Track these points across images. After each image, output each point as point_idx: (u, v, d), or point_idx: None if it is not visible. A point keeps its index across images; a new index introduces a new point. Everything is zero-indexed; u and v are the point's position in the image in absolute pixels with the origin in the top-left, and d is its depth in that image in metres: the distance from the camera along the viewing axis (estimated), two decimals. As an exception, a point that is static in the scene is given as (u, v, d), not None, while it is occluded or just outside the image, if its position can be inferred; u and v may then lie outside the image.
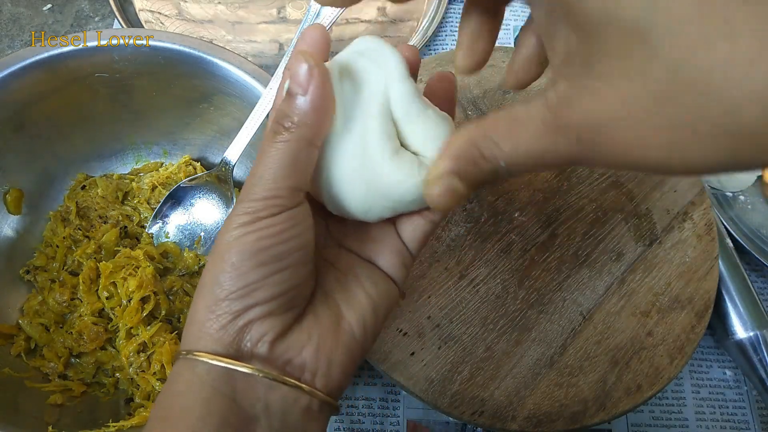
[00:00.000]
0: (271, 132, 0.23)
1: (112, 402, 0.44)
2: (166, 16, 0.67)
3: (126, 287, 0.44)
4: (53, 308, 0.46)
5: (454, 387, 0.45)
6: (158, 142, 0.53)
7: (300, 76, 0.22)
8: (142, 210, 0.51)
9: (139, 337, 0.44)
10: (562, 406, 0.45)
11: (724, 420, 0.53)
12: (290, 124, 0.22)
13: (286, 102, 0.22)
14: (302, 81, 0.22)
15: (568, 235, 0.52)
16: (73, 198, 0.50)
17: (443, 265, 0.49)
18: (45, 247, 0.49)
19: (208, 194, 0.49)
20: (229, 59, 0.46)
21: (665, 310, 0.49)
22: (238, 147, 0.46)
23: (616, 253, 0.52)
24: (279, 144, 0.22)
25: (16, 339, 0.45)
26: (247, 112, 0.45)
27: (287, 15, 0.68)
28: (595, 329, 0.48)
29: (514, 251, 0.51)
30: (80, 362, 0.45)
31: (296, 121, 0.22)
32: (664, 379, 0.47)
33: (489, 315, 0.48)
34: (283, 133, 0.22)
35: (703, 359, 0.56)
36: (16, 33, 0.66)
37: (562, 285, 0.50)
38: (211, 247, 0.25)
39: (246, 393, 0.22)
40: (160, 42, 0.46)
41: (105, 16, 0.68)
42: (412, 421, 0.50)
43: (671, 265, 0.52)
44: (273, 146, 0.22)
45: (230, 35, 0.66)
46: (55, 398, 0.42)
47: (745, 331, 0.52)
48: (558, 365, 0.46)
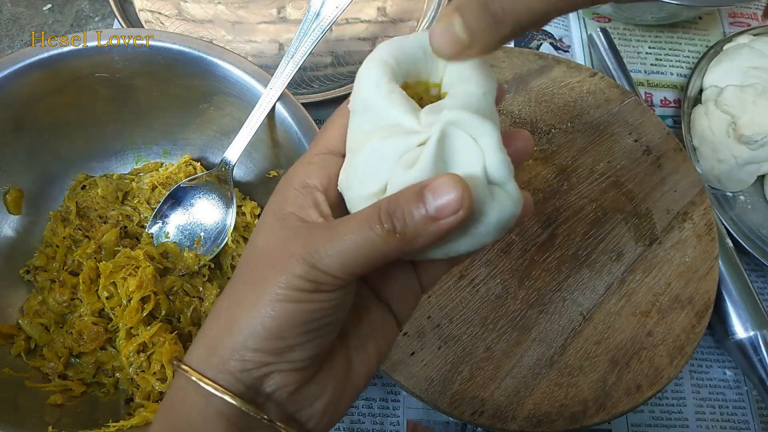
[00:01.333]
0: (377, 217, 0.20)
1: (112, 402, 0.44)
2: (166, 16, 0.67)
3: (126, 287, 0.44)
4: (53, 308, 0.46)
5: (454, 387, 0.45)
6: (158, 142, 0.53)
7: (447, 206, 0.19)
8: (142, 210, 0.51)
9: (139, 337, 0.44)
10: (562, 406, 0.45)
11: (724, 420, 0.53)
12: (402, 228, 0.20)
13: (414, 205, 0.20)
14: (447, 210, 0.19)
15: (568, 235, 0.52)
16: (73, 198, 0.50)
17: (443, 265, 0.49)
18: (45, 247, 0.49)
19: (208, 194, 0.49)
20: (229, 59, 0.46)
21: (665, 310, 0.49)
22: (238, 147, 0.46)
23: (616, 253, 0.52)
24: (376, 237, 0.20)
25: (16, 339, 0.45)
26: (247, 112, 0.45)
27: (287, 15, 0.68)
28: (595, 329, 0.48)
29: (514, 251, 0.51)
30: (80, 362, 0.45)
31: (410, 232, 0.20)
32: (664, 379, 0.47)
33: (489, 315, 0.48)
34: (388, 231, 0.20)
35: (703, 359, 0.56)
36: (16, 33, 0.66)
37: (562, 285, 0.50)
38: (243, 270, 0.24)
39: (255, 429, 0.23)
40: (160, 42, 0.46)
41: (105, 16, 0.68)
42: (412, 421, 0.50)
43: (671, 265, 0.52)
44: (370, 232, 0.20)
45: (230, 35, 0.66)
46: (55, 398, 0.42)
47: (745, 331, 0.52)
48: (558, 365, 0.46)
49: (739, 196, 0.62)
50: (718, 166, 0.60)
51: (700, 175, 0.57)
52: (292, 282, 0.21)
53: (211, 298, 0.47)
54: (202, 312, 0.47)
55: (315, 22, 0.45)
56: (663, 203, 0.55)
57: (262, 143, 0.49)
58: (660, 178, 0.56)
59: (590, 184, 0.55)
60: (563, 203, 0.54)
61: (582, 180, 0.55)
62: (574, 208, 0.53)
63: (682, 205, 0.55)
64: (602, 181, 0.55)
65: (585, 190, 0.55)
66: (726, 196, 0.62)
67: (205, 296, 0.47)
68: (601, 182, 0.55)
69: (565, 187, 0.54)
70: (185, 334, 0.46)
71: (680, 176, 0.56)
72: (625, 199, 0.55)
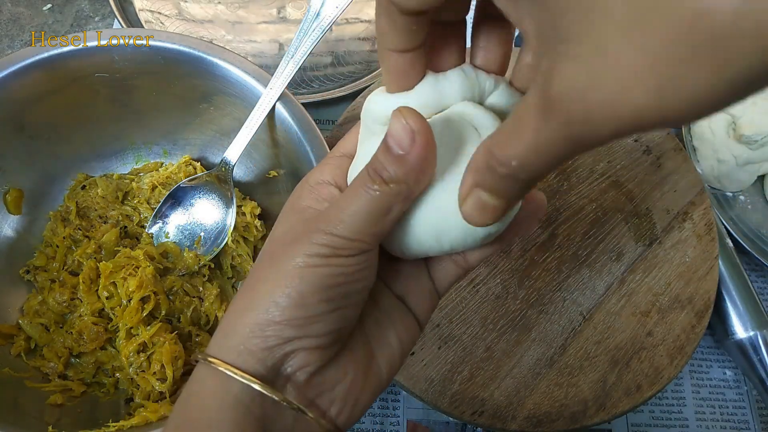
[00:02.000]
0: (367, 176, 0.22)
1: (112, 402, 0.44)
2: (166, 16, 0.67)
3: (126, 287, 0.44)
4: (53, 308, 0.46)
5: (454, 387, 0.45)
6: (158, 142, 0.53)
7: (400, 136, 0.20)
8: (142, 210, 0.51)
9: (139, 337, 0.44)
10: (562, 406, 0.45)
11: (724, 420, 0.53)
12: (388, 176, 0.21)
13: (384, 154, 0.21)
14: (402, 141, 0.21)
15: (568, 235, 0.52)
16: (73, 198, 0.50)
17: (443, 265, 0.49)
18: (45, 247, 0.49)
19: (208, 194, 0.49)
20: (229, 59, 0.46)
21: (665, 310, 0.49)
22: (238, 147, 0.46)
23: (616, 253, 0.52)
24: (373, 193, 0.22)
25: (16, 339, 0.45)
26: (247, 112, 0.45)
27: (287, 15, 0.68)
28: (595, 329, 0.48)
29: (514, 251, 0.51)
30: (80, 362, 0.45)
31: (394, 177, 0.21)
32: (664, 379, 0.47)
33: (489, 315, 0.48)
34: (379, 183, 0.22)
35: (703, 359, 0.56)
36: (16, 33, 0.66)
37: (562, 285, 0.50)
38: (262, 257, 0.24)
39: (275, 418, 0.23)
40: (160, 42, 0.46)
41: (105, 16, 0.68)
42: (412, 421, 0.50)
43: (671, 265, 0.52)
44: (367, 192, 0.22)
45: (230, 35, 0.66)
46: (55, 398, 0.42)
47: (745, 331, 0.52)
48: (558, 365, 0.46)
49: (739, 196, 0.62)
50: (718, 166, 0.60)
51: (700, 175, 0.57)
52: (313, 249, 0.22)
53: (211, 298, 0.47)
54: (202, 312, 0.47)
55: (315, 22, 0.45)
56: (663, 203, 0.55)
57: (262, 143, 0.49)
58: (660, 178, 0.56)
59: (590, 184, 0.55)
60: (563, 203, 0.54)
61: (582, 180, 0.55)
62: (574, 208, 0.53)
63: (682, 205, 0.55)
64: (602, 181, 0.55)
65: (585, 190, 0.55)
66: (726, 196, 0.62)
67: (205, 296, 0.47)
68: (601, 182, 0.55)
69: (565, 187, 0.54)
70: (185, 334, 0.46)
71: (680, 176, 0.56)
72: (625, 199, 0.55)
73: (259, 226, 0.50)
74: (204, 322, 0.47)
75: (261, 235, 0.51)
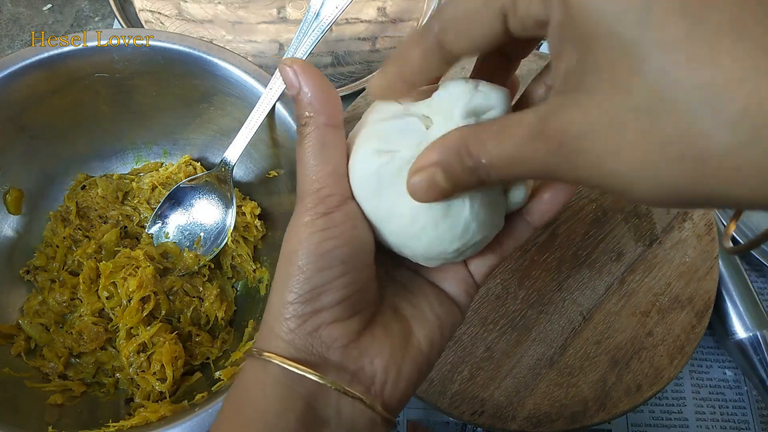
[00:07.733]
0: (298, 134, 0.25)
1: (112, 402, 0.44)
2: (166, 16, 0.67)
3: (126, 287, 0.44)
4: (53, 308, 0.46)
5: (454, 387, 0.45)
6: (158, 142, 0.53)
7: (289, 79, 0.24)
8: (142, 210, 0.51)
9: (139, 337, 0.44)
10: (562, 406, 0.45)
11: (724, 420, 0.53)
12: (306, 118, 0.24)
13: (296, 105, 0.25)
14: (292, 81, 0.24)
15: (568, 235, 0.52)
16: (73, 198, 0.50)
17: (443, 265, 0.49)
18: (45, 247, 0.49)
19: (208, 194, 0.49)
20: (229, 59, 0.46)
21: (665, 310, 0.49)
22: (238, 147, 0.46)
23: (616, 253, 0.52)
24: (306, 138, 0.24)
25: (16, 339, 0.45)
26: (247, 112, 0.45)
27: (287, 15, 0.68)
28: (595, 329, 0.48)
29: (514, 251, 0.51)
30: (80, 362, 0.45)
31: (309, 114, 0.24)
32: (664, 379, 0.47)
33: (489, 315, 0.48)
34: (304, 127, 0.24)
35: (703, 359, 0.56)
36: (16, 33, 0.66)
37: (562, 285, 0.50)
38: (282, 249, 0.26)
39: (318, 396, 0.23)
40: (160, 42, 0.46)
41: (105, 16, 0.68)
42: (412, 421, 0.50)
43: (671, 265, 0.52)
44: (303, 143, 0.24)
45: (230, 35, 0.66)
46: (55, 398, 0.42)
47: (745, 331, 0.52)
48: (558, 365, 0.46)
49: (739, 196, 0.62)
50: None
51: (700, 175, 0.57)
52: (298, 222, 0.24)
53: (211, 298, 0.47)
54: (202, 312, 0.47)
55: (315, 22, 0.45)
56: (663, 203, 0.55)
57: (262, 143, 0.49)
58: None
59: (590, 184, 0.55)
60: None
61: (582, 180, 0.55)
62: (574, 208, 0.53)
63: (682, 205, 0.55)
64: (602, 181, 0.55)
65: (585, 189, 0.55)
66: (726, 196, 0.62)
67: (205, 296, 0.47)
68: (601, 182, 0.55)
69: (565, 187, 0.54)
70: (185, 334, 0.46)
71: (680, 176, 0.56)
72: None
73: (259, 226, 0.50)
74: (204, 322, 0.47)
75: (261, 235, 0.51)
